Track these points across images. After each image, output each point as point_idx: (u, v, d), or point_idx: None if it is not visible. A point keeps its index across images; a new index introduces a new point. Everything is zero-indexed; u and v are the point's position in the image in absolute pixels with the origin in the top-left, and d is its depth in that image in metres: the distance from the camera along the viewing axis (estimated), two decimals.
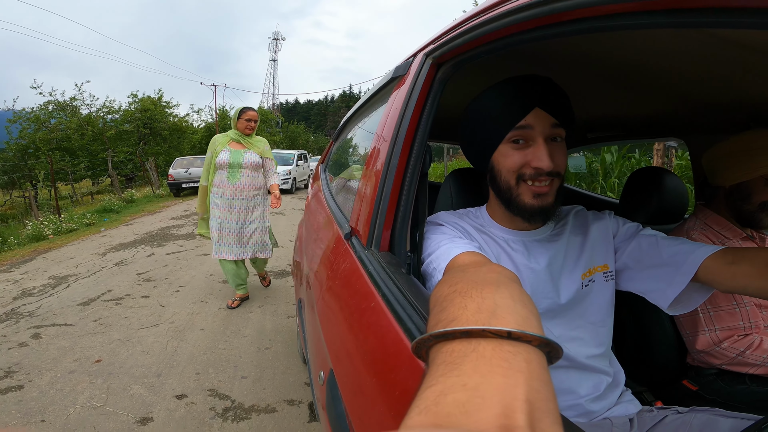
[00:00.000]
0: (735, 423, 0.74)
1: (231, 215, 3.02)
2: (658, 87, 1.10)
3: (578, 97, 1.29)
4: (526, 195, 0.77)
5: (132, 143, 15.50)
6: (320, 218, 1.60)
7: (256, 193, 3.08)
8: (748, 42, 0.69)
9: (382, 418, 0.54)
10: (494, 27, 0.64)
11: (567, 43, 0.86)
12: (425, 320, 0.55)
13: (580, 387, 0.83)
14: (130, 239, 6.24)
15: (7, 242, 6.16)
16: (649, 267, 0.81)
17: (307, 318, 1.34)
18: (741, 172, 1.08)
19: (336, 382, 0.78)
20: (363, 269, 0.82)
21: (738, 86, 0.99)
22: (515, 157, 0.76)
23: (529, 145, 0.76)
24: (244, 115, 2.97)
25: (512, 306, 0.38)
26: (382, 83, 1.33)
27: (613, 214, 0.94)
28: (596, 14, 0.48)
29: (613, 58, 0.91)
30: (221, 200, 3.01)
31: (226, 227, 3.02)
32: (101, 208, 9.06)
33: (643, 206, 1.34)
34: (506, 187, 0.78)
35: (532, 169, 0.75)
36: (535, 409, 0.27)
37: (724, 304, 1.10)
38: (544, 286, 0.82)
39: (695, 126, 1.44)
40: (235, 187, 2.98)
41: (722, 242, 1.14)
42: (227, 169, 2.97)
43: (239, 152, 2.98)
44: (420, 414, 0.26)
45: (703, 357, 1.13)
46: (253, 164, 3.00)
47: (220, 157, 2.94)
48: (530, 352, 0.32)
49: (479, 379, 0.28)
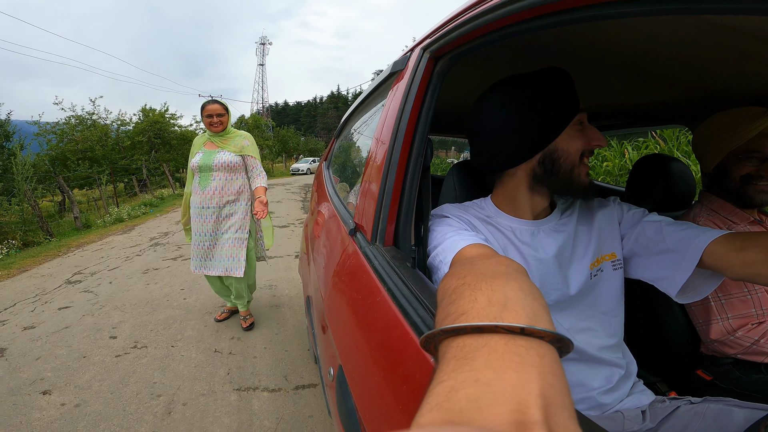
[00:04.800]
0: (749, 413, 0.73)
1: (201, 226, 2.60)
2: (661, 75, 1.09)
3: (581, 86, 1.28)
4: (584, 174, 0.82)
5: (145, 152, 17.07)
6: (324, 215, 1.60)
7: (231, 199, 2.58)
8: (747, 28, 0.68)
9: (390, 412, 0.54)
10: (489, 18, 0.63)
11: (567, 33, 0.85)
12: (431, 314, 0.55)
13: (593, 379, 0.82)
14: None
15: (95, 224, 8.68)
16: (655, 253, 0.81)
17: (315, 315, 1.34)
18: (713, 154, 1.14)
19: (345, 378, 0.78)
20: (368, 264, 0.82)
21: (740, 72, 0.97)
22: (581, 138, 0.82)
23: (584, 127, 0.83)
24: (204, 111, 2.52)
25: (523, 299, 0.38)
26: (381, 79, 1.32)
27: (618, 200, 0.93)
28: (591, 2, 0.48)
29: (614, 46, 0.90)
30: (193, 209, 2.61)
31: (197, 240, 2.63)
32: (142, 203, 10.97)
33: (649, 193, 1.32)
34: (570, 167, 0.81)
35: (593, 146, 0.82)
36: (550, 403, 0.26)
37: (736, 291, 1.08)
38: (553, 276, 0.81)
39: (700, 112, 1.42)
40: (205, 193, 2.54)
41: (729, 227, 1.13)
42: (198, 173, 2.56)
43: (210, 153, 2.54)
44: (432, 411, 0.26)
45: (717, 347, 1.11)
46: (225, 165, 2.52)
47: (193, 161, 2.56)
48: (542, 346, 0.32)
49: (492, 374, 0.28)
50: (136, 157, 16.33)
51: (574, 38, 0.87)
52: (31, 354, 2.53)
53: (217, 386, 2.14)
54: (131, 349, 2.54)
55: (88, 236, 7.03)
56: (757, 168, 1.09)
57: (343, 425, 0.79)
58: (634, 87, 1.26)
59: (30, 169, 8.22)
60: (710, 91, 1.18)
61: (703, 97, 1.27)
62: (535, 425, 0.24)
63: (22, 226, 7.43)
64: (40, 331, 2.90)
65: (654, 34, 0.79)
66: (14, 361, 2.44)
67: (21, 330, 2.93)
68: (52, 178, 9.73)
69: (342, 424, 0.81)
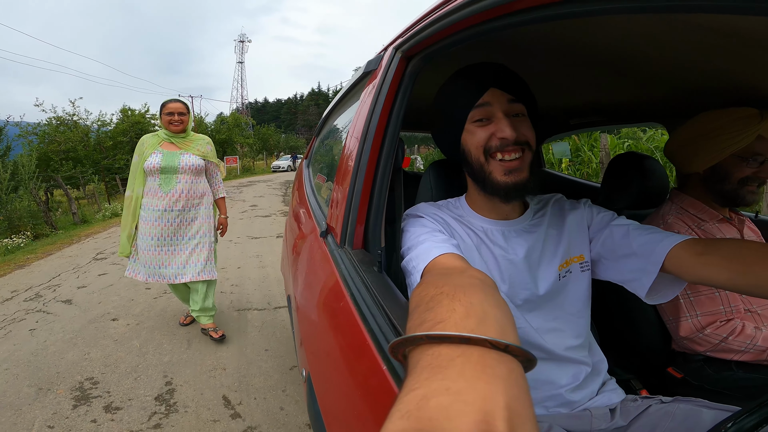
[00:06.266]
0: (718, 414, 0.74)
1: (159, 230, 2.44)
2: (636, 72, 1.10)
3: (559, 84, 1.29)
4: (498, 172, 0.78)
5: (127, 151, 17.11)
6: (302, 215, 1.59)
7: (195, 202, 2.50)
8: (720, 27, 0.68)
9: (347, 418, 0.53)
10: (459, 17, 0.63)
11: (541, 32, 0.85)
12: (389, 322, 0.55)
13: (560, 377, 0.82)
14: None
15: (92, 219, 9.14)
16: (621, 257, 0.81)
17: (294, 316, 1.34)
18: (711, 155, 1.10)
19: (311, 382, 0.77)
20: (335, 268, 0.81)
21: (714, 70, 0.98)
22: (480, 133, 0.79)
23: (491, 121, 0.79)
24: (164, 110, 2.40)
25: (497, 314, 0.39)
26: (356, 78, 1.31)
27: (589, 203, 0.93)
28: (546, 2, 0.47)
29: (588, 45, 0.90)
30: (149, 212, 2.44)
31: (152, 244, 2.45)
32: None
33: (624, 191, 1.34)
34: (478, 165, 0.80)
35: (497, 140, 0.77)
36: (515, 415, 0.27)
37: (704, 289, 1.10)
38: (522, 277, 0.81)
39: (674, 110, 1.44)
40: (169, 196, 2.41)
41: (699, 225, 1.14)
42: (159, 175, 2.40)
43: (174, 154, 2.42)
44: (402, 418, 0.27)
45: (687, 344, 1.12)
46: (192, 168, 2.43)
47: (150, 161, 2.38)
48: (512, 361, 0.33)
49: (464, 383, 0.29)
50: (119, 157, 16.63)
51: (548, 37, 0.87)
52: (93, 301, 3.53)
53: (224, 308, 3.22)
54: (164, 294, 3.58)
55: (93, 228, 7.84)
56: (755, 170, 1.09)
57: (312, 427, 0.79)
58: (610, 85, 1.27)
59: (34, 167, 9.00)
60: (686, 89, 1.19)
61: (679, 96, 1.28)
62: None
63: (30, 219, 8.00)
64: (91, 288, 3.89)
65: (627, 32, 0.79)
66: (82, 306, 3.43)
67: (76, 288, 3.93)
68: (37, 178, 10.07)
69: (312, 425, 0.80)
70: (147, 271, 2.49)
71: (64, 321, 3.09)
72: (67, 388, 2.17)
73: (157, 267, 2.47)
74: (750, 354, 1.05)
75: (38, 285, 4.12)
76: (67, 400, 2.05)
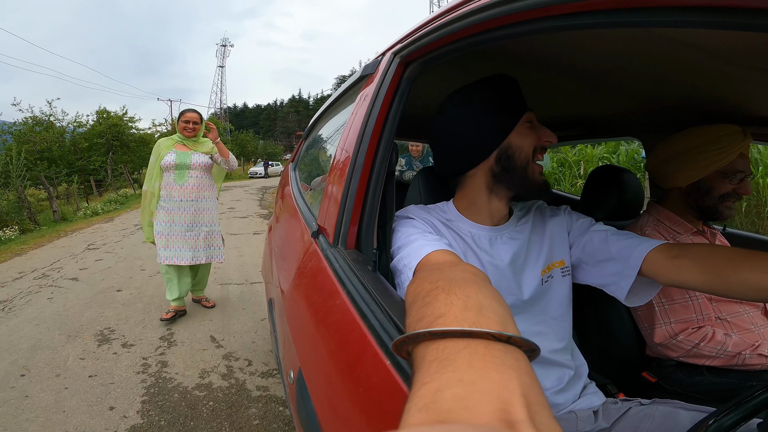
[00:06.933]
0: (695, 415, 0.78)
1: (179, 217, 2.93)
2: (614, 87, 1.14)
3: (542, 96, 1.33)
4: (536, 173, 0.85)
5: (102, 153, 17.36)
6: (289, 217, 1.58)
7: (206, 194, 3.02)
8: (695, 42, 0.72)
9: (348, 415, 0.53)
10: (459, 26, 0.65)
11: (530, 44, 0.88)
12: (389, 317, 0.55)
13: (545, 380, 0.85)
14: None
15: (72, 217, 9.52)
16: (600, 261, 0.85)
17: (277, 317, 1.32)
18: (696, 170, 1.13)
19: (304, 381, 0.77)
20: (329, 267, 0.81)
21: (689, 86, 1.03)
22: (532, 134, 0.85)
23: (534, 126, 0.86)
24: (182, 117, 2.96)
25: (494, 306, 0.40)
26: (351, 81, 1.32)
27: (569, 210, 0.96)
28: (554, 13, 0.50)
29: (570, 58, 0.94)
30: (168, 203, 2.92)
31: (176, 231, 2.93)
32: (108, 201, 12.35)
33: (602, 203, 1.39)
34: (524, 163, 0.84)
35: (545, 143, 0.85)
36: (531, 402, 0.27)
37: (678, 297, 1.15)
38: (508, 282, 0.83)
39: (651, 125, 1.51)
40: (182, 188, 2.92)
41: (674, 237, 1.19)
42: (174, 171, 2.90)
43: (186, 153, 2.93)
44: (420, 412, 0.27)
45: (660, 350, 1.17)
46: (201, 165, 2.95)
47: (166, 159, 2.89)
48: (517, 351, 0.33)
49: (474, 374, 0.29)
50: (93, 159, 16.74)
51: (536, 48, 0.90)
52: (96, 279, 4.23)
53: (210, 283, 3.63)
54: (157, 274, 4.18)
55: (76, 225, 8.42)
56: (736, 186, 1.13)
57: (303, 429, 0.78)
58: (589, 99, 1.32)
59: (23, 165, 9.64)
60: (660, 104, 1.25)
61: (654, 111, 1.34)
62: (521, 423, 0.25)
63: (17, 214, 8.44)
64: (92, 270, 4.58)
65: (608, 47, 0.83)
66: (88, 282, 4.15)
67: (78, 270, 4.57)
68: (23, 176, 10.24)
69: (302, 427, 0.80)
70: (177, 254, 2.94)
71: (76, 292, 3.85)
72: (90, 335, 2.89)
73: (186, 250, 2.96)
74: (720, 359, 1.10)
75: (42, 268, 4.78)
76: (92, 342, 2.78)
